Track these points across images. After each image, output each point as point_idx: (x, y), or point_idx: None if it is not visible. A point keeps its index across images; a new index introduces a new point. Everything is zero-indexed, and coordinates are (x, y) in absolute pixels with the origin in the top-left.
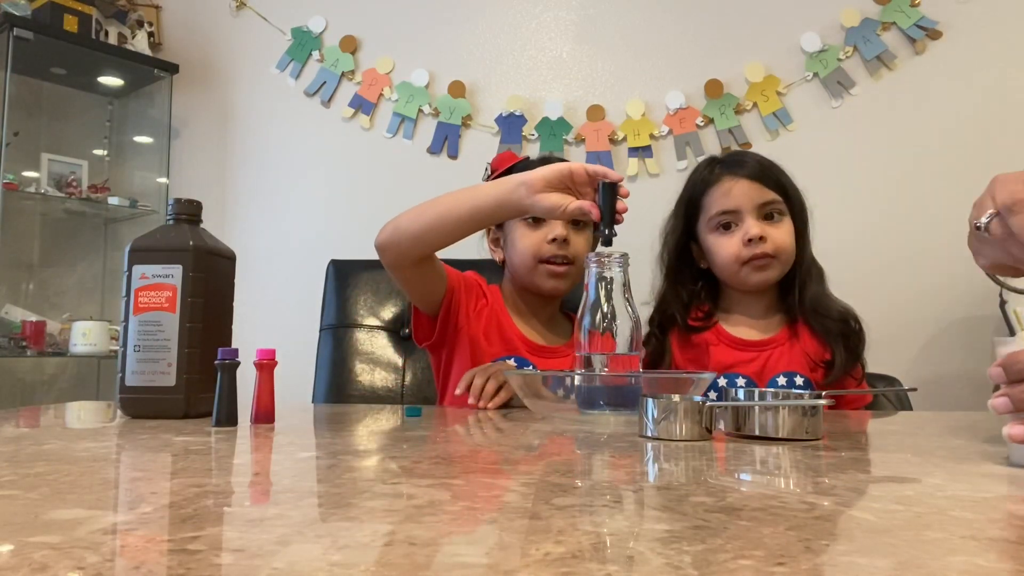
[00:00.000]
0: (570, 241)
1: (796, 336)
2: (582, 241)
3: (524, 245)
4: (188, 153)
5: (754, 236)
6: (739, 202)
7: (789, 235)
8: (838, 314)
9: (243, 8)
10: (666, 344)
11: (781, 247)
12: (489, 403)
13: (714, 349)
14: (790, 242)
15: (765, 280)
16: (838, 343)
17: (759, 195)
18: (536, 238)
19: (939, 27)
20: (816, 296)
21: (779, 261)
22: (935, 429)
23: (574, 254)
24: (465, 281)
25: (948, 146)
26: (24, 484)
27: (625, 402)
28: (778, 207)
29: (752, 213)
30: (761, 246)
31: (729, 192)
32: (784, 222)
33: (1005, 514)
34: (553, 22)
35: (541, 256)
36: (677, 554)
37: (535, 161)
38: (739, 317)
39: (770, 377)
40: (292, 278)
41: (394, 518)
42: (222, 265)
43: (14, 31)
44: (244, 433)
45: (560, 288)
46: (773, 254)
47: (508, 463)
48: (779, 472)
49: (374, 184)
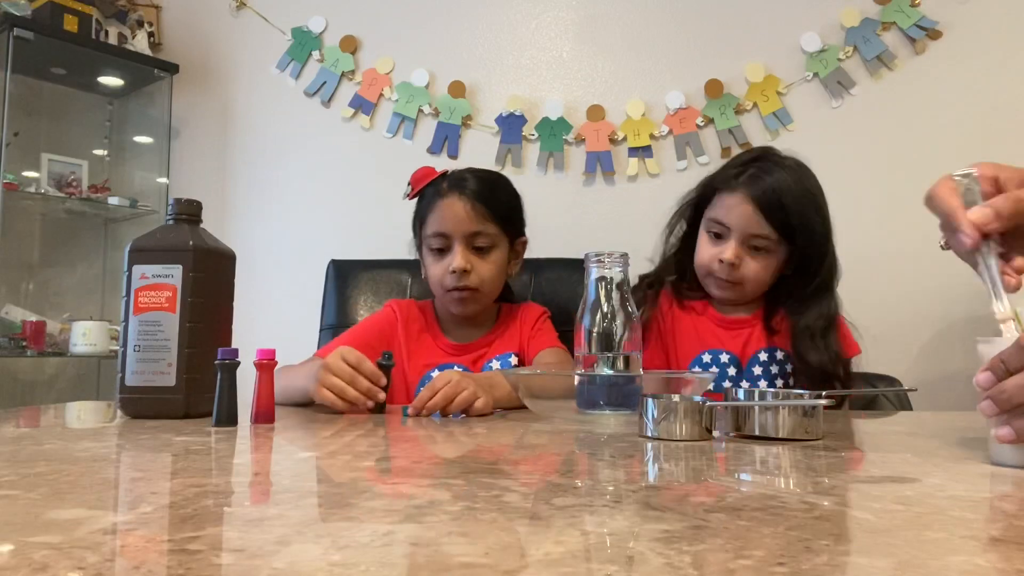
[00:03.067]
0: (473, 268)
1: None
2: (486, 267)
3: (431, 274)
4: (188, 153)
5: (724, 260)
6: (733, 223)
7: (765, 270)
8: (816, 366)
9: (243, 8)
10: (652, 300)
11: (750, 278)
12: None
13: (699, 320)
14: (763, 275)
15: (722, 296)
16: (810, 382)
17: (754, 226)
18: (440, 269)
19: (939, 27)
20: (811, 338)
21: (743, 288)
22: (935, 429)
23: (478, 282)
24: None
25: (948, 146)
26: (24, 484)
27: (625, 402)
28: (767, 243)
29: (738, 238)
30: (728, 272)
31: (731, 209)
32: (767, 257)
33: (1005, 514)
34: (553, 22)
35: (445, 286)
36: (677, 554)
37: (451, 175)
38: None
39: (752, 353)
40: (292, 278)
41: (394, 518)
42: (222, 265)
43: (14, 31)
44: (244, 433)
45: (468, 311)
46: (737, 281)
47: (508, 463)
48: (779, 472)
49: (374, 184)
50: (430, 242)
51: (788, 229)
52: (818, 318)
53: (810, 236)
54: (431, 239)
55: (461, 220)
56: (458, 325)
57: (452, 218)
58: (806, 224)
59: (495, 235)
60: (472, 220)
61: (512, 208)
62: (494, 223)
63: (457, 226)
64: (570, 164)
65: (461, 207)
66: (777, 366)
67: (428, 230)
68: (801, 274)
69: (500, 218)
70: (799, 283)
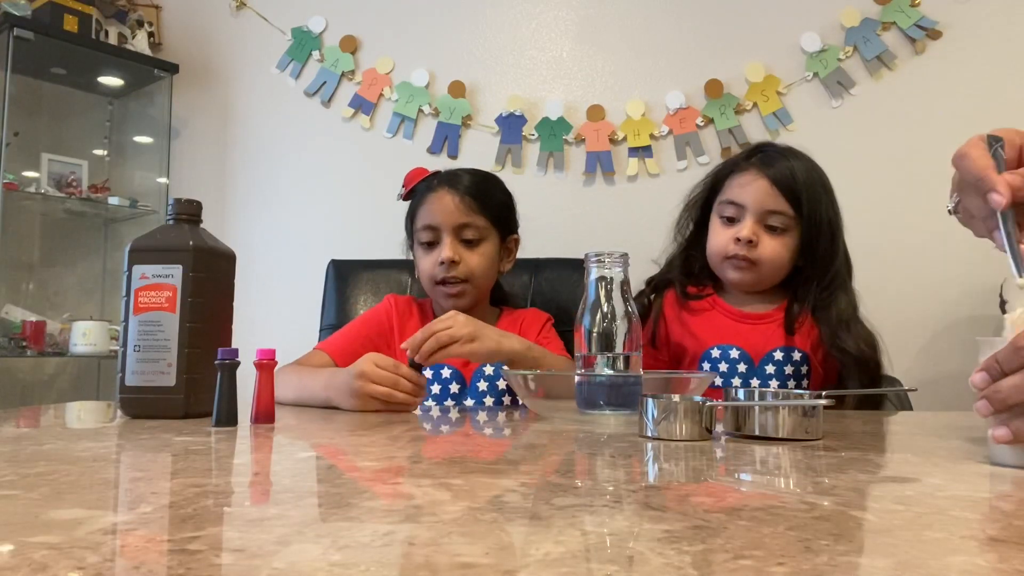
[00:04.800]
0: (461, 260)
1: (799, 316)
2: (475, 258)
3: (421, 268)
4: (188, 153)
5: (743, 238)
6: (748, 200)
7: (783, 249)
8: (856, 354)
9: (243, 8)
10: (657, 305)
11: (767, 258)
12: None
13: (709, 316)
14: (780, 256)
15: (740, 280)
16: (853, 377)
17: (770, 202)
18: (429, 261)
19: (939, 27)
20: (846, 326)
21: (760, 270)
22: (935, 429)
23: (467, 273)
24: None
25: (948, 146)
26: (24, 484)
27: (625, 402)
28: (783, 220)
29: (754, 215)
30: (747, 249)
31: (745, 186)
32: (784, 237)
33: (1005, 514)
34: (553, 22)
35: (435, 278)
36: (677, 554)
37: (443, 172)
38: (739, 296)
39: (767, 351)
40: (292, 278)
41: (394, 518)
42: (222, 265)
43: (14, 31)
44: (244, 433)
45: (460, 305)
46: (755, 261)
47: (508, 463)
48: (779, 472)
49: (374, 184)
50: (420, 236)
51: (801, 207)
52: (847, 306)
53: (821, 218)
54: (421, 232)
55: (450, 212)
56: None
57: (441, 210)
58: (817, 204)
59: (484, 228)
60: (460, 212)
61: (502, 204)
62: (483, 216)
63: (446, 218)
64: (570, 164)
65: (450, 199)
66: (792, 367)
67: (418, 223)
68: (816, 264)
69: (489, 212)
70: (817, 275)
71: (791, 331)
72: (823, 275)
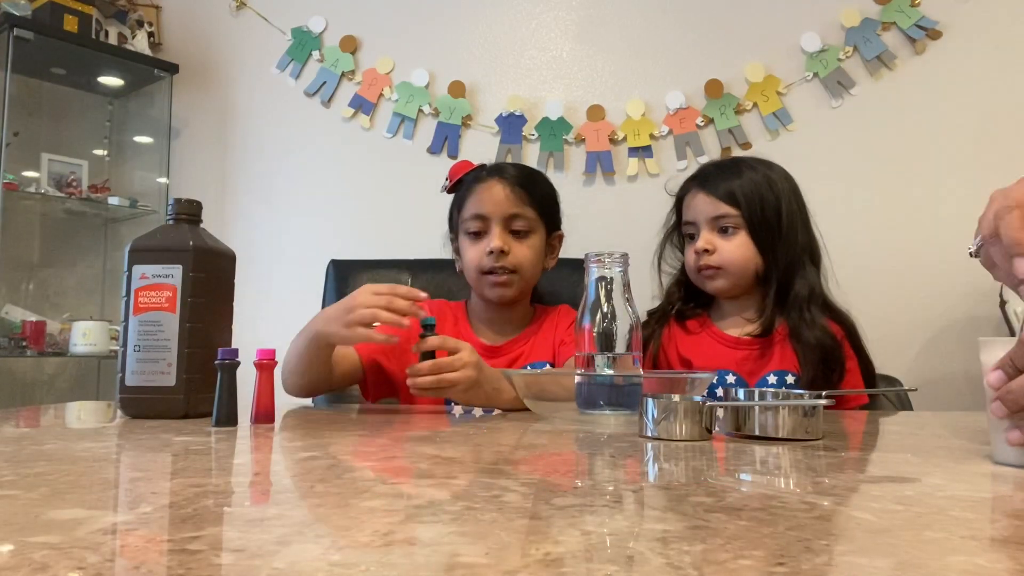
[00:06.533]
0: (510, 250)
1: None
2: (524, 249)
3: (468, 258)
4: (188, 153)
5: (698, 249)
6: (696, 215)
7: (739, 248)
8: (815, 338)
9: (243, 8)
10: (657, 334)
11: (728, 259)
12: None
13: (704, 343)
14: (740, 255)
15: (716, 289)
16: (813, 366)
17: (712, 209)
18: (477, 251)
19: (939, 27)
20: (799, 310)
21: (727, 272)
22: (935, 429)
23: (515, 263)
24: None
25: (948, 146)
26: (24, 484)
27: (625, 402)
28: (731, 221)
29: (706, 226)
30: (706, 258)
31: (691, 206)
32: (738, 235)
33: (1005, 514)
34: (553, 22)
35: (483, 268)
36: (677, 554)
37: (490, 165)
38: (734, 318)
39: (761, 376)
40: (292, 278)
41: (394, 518)
42: (222, 265)
43: (14, 31)
44: (244, 433)
45: (505, 296)
46: (718, 266)
47: (508, 463)
48: (779, 472)
49: (374, 184)
50: (468, 225)
51: (737, 203)
52: (803, 289)
53: (766, 211)
54: (469, 222)
55: (500, 202)
56: (491, 325)
57: (491, 200)
58: (757, 199)
59: (533, 220)
60: (511, 202)
61: (550, 198)
62: (532, 208)
63: (496, 208)
64: (570, 164)
65: (500, 189)
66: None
67: (466, 213)
68: (776, 256)
69: (538, 205)
70: (776, 265)
71: (768, 332)
72: (780, 264)
